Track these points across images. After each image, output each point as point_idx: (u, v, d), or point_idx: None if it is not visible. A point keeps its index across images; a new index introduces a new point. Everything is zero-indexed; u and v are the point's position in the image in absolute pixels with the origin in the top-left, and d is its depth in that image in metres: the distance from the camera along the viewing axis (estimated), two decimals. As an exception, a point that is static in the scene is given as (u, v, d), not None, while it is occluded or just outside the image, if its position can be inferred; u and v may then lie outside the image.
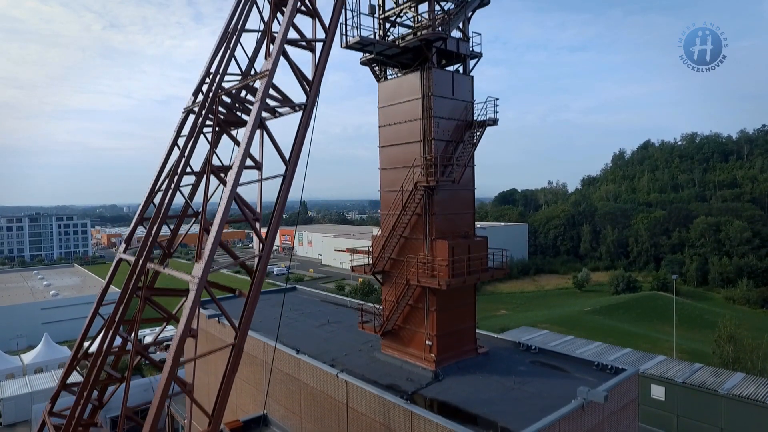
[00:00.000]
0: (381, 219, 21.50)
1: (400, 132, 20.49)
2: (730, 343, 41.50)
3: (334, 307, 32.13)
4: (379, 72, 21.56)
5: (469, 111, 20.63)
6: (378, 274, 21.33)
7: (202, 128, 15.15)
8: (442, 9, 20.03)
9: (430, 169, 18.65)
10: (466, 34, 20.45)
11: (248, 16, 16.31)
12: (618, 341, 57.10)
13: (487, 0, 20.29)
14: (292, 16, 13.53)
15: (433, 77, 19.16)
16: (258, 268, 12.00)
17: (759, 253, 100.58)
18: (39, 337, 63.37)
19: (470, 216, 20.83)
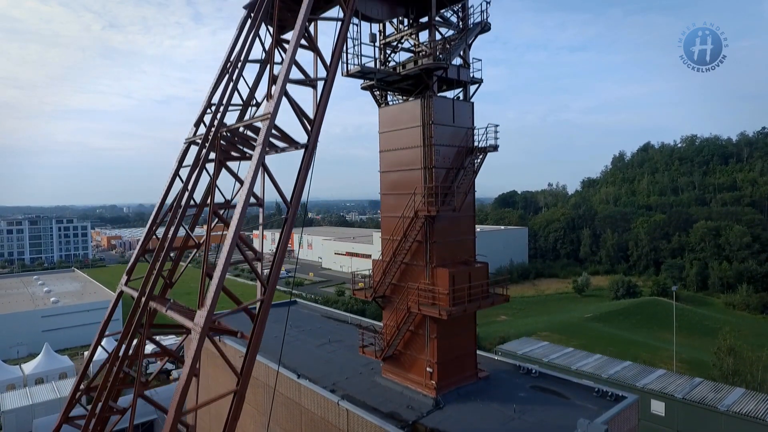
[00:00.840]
0: (381, 244, 21.55)
1: (400, 158, 20.54)
2: (730, 355, 41.55)
3: (335, 324, 32.17)
4: (380, 97, 21.60)
5: (470, 137, 20.69)
6: (379, 299, 21.36)
7: (204, 164, 15.21)
8: (442, 37, 20.07)
9: (431, 198, 18.69)
10: (467, 60, 20.49)
11: (251, 48, 16.37)
12: (618, 351, 57.24)
13: (488, 26, 20.31)
14: (294, 55, 13.57)
15: (434, 105, 19.21)
16: (260, 314, 12.05)
17: (759, 258, 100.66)
18: (39, 345, 63.48)
19: (471, 241, 20.89)
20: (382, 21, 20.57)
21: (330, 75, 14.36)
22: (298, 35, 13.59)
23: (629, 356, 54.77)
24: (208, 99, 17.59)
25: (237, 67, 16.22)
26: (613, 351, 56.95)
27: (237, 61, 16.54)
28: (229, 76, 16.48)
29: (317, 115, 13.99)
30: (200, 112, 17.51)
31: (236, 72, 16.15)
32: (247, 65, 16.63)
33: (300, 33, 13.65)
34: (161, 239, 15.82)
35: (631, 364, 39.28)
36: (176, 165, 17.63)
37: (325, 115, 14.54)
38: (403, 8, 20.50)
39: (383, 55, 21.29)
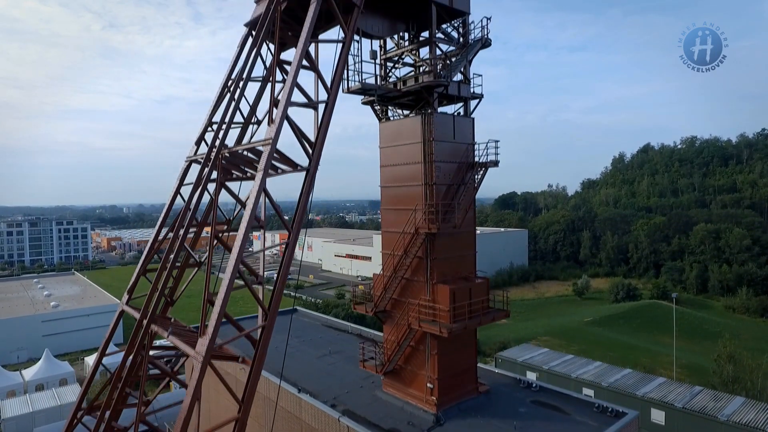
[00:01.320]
0: (382, 258, 21.58)
1: (401, 174, 20.56)
2: (730, 362, 41.57)
3: (335, 334, 32.21)
4: (380, 112, 21.62)
5: (471, 153, 20.71)
6: (380, 314, 21.38)
7: (206, 185, 15.22)
8: (443, 53, 20.08)
9: (432, 215, 18.72)
10: (467, 76, 20.51)
11: (253, 66, 16.39)
12: (618, 356, 57.34)
13: (489, 42, 20.33)
14: (295, 79, 13.58)
15: (435, 122, 19.23)
16: (261, 341, 12.08)
17: (759, 261, 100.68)
18: (40, 350, 63.51)
19: (471, 256, 20.94)
20: (383, 37, 20.58)
21: (331, 98, 14.39)
22: (299, 59, 13.62)
23: (629, 362, 54.87)
24: (209, 117, 17.62)
25: (239, 87, 16.26)
26: (613, 356, 57.09)
27: (239, 80, 16.58)
28: (231, 95, 16.53)
29: (318, 138, 14.01)
30: (201, 131, 17.53)
31: (238, 91, 16.19)
32: (249, 82, 16.67)
33: (301, 56, 13.68)
34: (163, 259, 15.84)
35: (631, 371, 39.34)
36: (177, 183, 17.65)
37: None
38: (403, 24, 20.54)
39: (384, 71, 21.31)
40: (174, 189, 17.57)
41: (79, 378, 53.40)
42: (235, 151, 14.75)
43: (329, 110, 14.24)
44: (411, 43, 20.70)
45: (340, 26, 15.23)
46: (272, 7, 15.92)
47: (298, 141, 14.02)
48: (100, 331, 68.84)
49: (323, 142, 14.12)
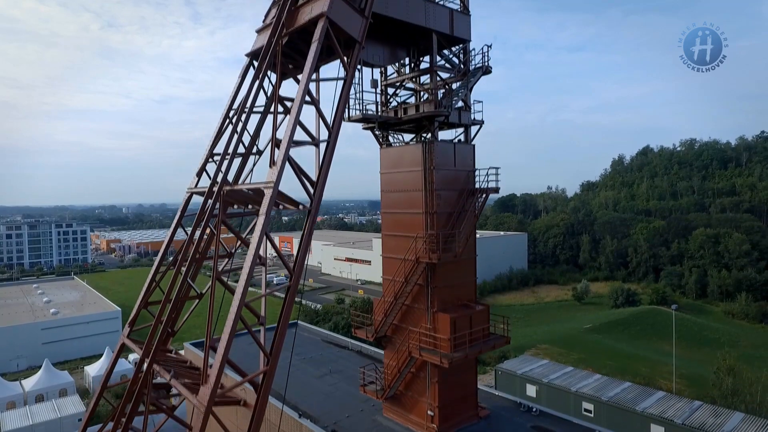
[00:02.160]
0: (383, 284, 21.61)
1: (401, 200, 20.59)
2: (729, 375, 41.64)
3: (336, 351, 32.23)
4: (381, 137, 21.65)
5: (471, 179, 20.75)
6: (380, 339, 21.42)
7: (208, 221, 15.23)
8: (443, 81, 20.10)
9: (433, 244, 18.75)
10: (468, 103, 20.53)
11: (256, 98, 16.42)
12: (618, 365, 57.43)
13: (489, 69, 20.36)
14: (297, 119, 13.57)
15: (435, 150, 19.26)
16: (263, 386, 12.09)
17: (758, 266, 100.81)
18: (39, 358, 63.54)
19: (472, 283, 20.97)
20: (383, 66, 20.60)
21: (333, 136, 14.41)
22: (301, 98, 13.62)
23: (629, 372, 54.97)
24: (210, 148, 17.61)
25: (240, 120, 16.28)
26: (613, 365, 57.17)
27: (241, 112, 16.60)
28: (233, 127, 16.56)
29: (320, 177, 14.02)
30: (202, 162, 17.52)
31: (240, 125, 16.22)
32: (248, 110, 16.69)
33: (303, 95, 13.69)
34: (166, 294, 15.84)
35: (630, 385, 39.35)
36: (178, 215, 17.62)
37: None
38: (404, 50, 20.56)
39: (384, 97, 21.33)
40: (175, 221, 17.55)
41: (79, 388, 53.44)
42: (237, 190, 14.77)
43: (331, 149, 14.25)
44: (412, 71, 20.72)
45: (341, 63, 15.25)
46: (274, 41, 15.99)
47: (298, 180, 14.04)
48: (99, 338, 68.96)
49: (325, 182, 14.14)
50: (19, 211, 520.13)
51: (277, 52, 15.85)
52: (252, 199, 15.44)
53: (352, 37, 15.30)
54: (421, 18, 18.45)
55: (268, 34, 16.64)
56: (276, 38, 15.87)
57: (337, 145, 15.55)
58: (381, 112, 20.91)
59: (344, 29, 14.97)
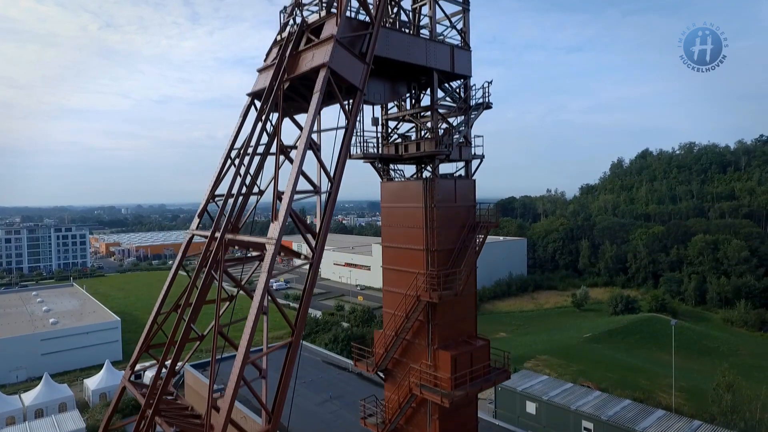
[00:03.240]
0: (384, 317, 21.62)
1: (402, 235, 20.60)
2: (729, 392, 41.69)
3: (336, 373, 32.24)
4: (382, 170, 21.65)
5: (472, 214, 20.76)
6: (381, 372, 21.43)
7: (210, 269, 15.20)
8: (443, 117, 20.12)
9: (433, 283, 18.76)
10: (468, 139, 20.54)
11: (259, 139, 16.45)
12: (617, 377, 57.44)
13: (490, 105, 20.37)
14: (299, 172, 13.57)
15: (436, 187, 19.27)
16: (265, 447, 12.12)
17: (757, 273, 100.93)
18: (39, 369, 63.50)
19: (472, 318, 20.98)
20: (384, 104, 20.61)
21: (334, 186, 14.42)
22: (302, 152, 13.62)
23: (628, 384, 54.99)
24: (212, 189, 17.64)
25: (243, 163, 16.30)
26: (613, 378, 57.19)
27: (243, 154, 16.64)
28: (236, 169, 16.58)
29: (322, 227, 14.03)
30: (203, 204, 17.57)
31: (242, 167, 16.25)
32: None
33: (305, 149, 13.69)
34: (169, 339, 15.87)
35: (630, 403, 39.40)
36: (180, 256, 17.69)
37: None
38: (404, 85, 20.54)
39: (385, 130, 21.34)
40: (176, 261, 17.59)
41: (79, 401, 53.37)
42: (238, 240, 14.78)
43: (332, 199, 14.27)
44: (413, 107, 20.73)
45: (342, 110, 15.26)
46: (276, 85, 16.00)
47: (300, 232, 14.06)
48: (99, 348, 68.86)
49: (327, 232, 14.15)
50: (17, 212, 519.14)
51: (278, 97, 15.91)
52: (253, 244, 15.46)
53: (354, 85, 15.31)
54: (422, 57, 18.46)
55: (269, 76, 16.69)
56: (278, 83, 15.91)
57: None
58: (382, 146, 20.93)
59: (345, 78, 14.98)
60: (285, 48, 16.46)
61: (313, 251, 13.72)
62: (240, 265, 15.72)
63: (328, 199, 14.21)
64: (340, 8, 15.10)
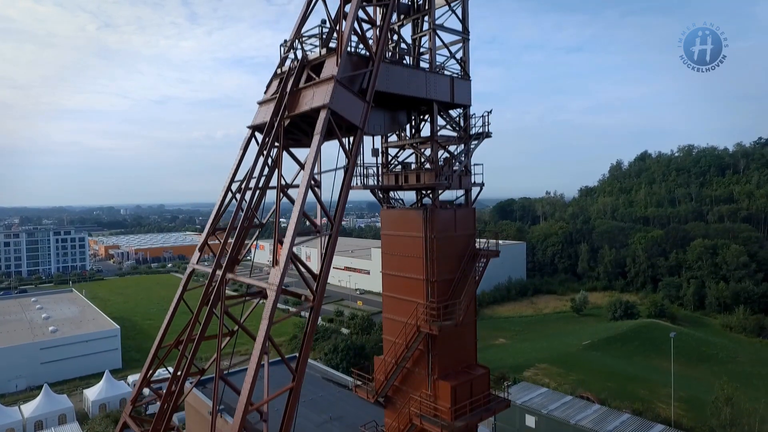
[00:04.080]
0: (384, 344, 21.67)
1: (402, 264, 20.63)
2: (727, 405, 41.80)
3: (336, 391, 32.28)
4: (383, 198, 21.69)
5: (473, 243, 20.80)
6: (381, 399, 21.47)
7: (212, 308, 15.24)
8: (445, 150, 20.16)
9: (433, 314, 18.80)
10: (468, 168, 20.59)
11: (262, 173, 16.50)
12: (616, 387, 57.52)
13: (490, 134, 20.42)
14: (300, 216, 13.60)
15: (436, 218, 19.31)
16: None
17: (755, 278, 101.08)
18: (38, 377, 63.59)
19: (472, 346, 21.03)
20: (384, 135, 20.66)
21: (335, 228, 14.46)
22: (303, 195, 13.65)
23: (628, 395, 55.08)
24: (213, 223, 17.67)
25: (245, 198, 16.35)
26: (612, 388, 57.26)
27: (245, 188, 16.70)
28: (238, 204, 16.62)
29: (323, 270, 14.05)
30: (204, 237, 17.59)
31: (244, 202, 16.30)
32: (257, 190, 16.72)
33: (305, 193, 13.71)
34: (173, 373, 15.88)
35: (629, 417, 39.50)
36: (180, 290, 17.68)
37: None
38: (404, 114, 20.58)
39: (385, 158, 21.39)
40: (177, 296, 17.60)
41: (79, 412, 53.39)
42: (239, 281, 14.82)
43: (333, 242, 14.30)
44: (413, 136, 20.79)
45: (342, 150, 15.29)
46: (276, 122, 16.04)
47: (300, 277, 14.10)
48: (98, 357, 68.90)
49: (328, 275, 14.18)
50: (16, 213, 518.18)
51: (280, 133, 15.96)
52: (254, 287, 15.48)
53: (354, 124, 15.35)
54: (422, 90, 18.51)
55: (270, 109, 16.74)
56: (279, 119, 15.95)
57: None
58: (382, 175, 20.97)
59: (346, 118, 15.02)
60: (285, 83, 16.50)
61: (314, 294, 13.74)
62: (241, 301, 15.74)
63: (329, 241, 14.23)
64: (340, 48, 15.14)
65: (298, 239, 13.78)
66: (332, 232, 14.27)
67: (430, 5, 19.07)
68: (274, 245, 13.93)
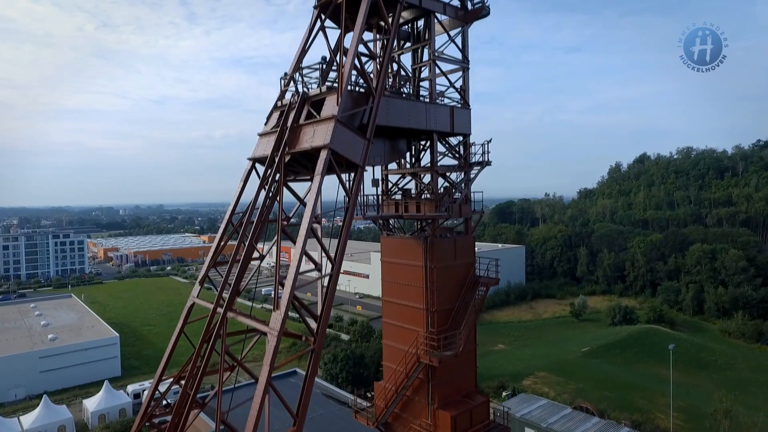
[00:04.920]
0: (384, 370, 21.69)
1: (402, 292, 20.66)
2: (726, 418, 41.92)
3: (335, 408, 32.31)
4: (382, 225, 21.71)
5: (473, 271, 20.83)
6: (382, 425, 21.51)
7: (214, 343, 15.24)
8: (445, 179, 20.19)
9: (433, 345, 18.83)
10: (468, 197, 20.61)
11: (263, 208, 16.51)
12: (615, 397, 57.67)
13: (489, 163, 20.44)
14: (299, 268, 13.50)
15: (436, 248, 19.33)
16: None
17: (754, 283, 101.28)
18: (38, 386, 63.66)
19: (472, 376, 21.06)
20: (384, 164, 20.68)
21: (335, 269, 14.46)
22: (304, 239, 13.64)
23: (627, 404, 55.27)
24: (213, 257, 17.66)
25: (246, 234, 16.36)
26: (611, 397, 57.43)
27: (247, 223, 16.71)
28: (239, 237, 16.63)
29: (324, 314, 14.06)
30: (204, 271, 17.59)
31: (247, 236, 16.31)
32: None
33: (306, 236, 13.72)
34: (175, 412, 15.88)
35: (629, 431, 39.65)
36: (181, 323, 17.66)
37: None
38: (404, 143, 20.59)
39: (385, 185, 21.41)
40: (177, 330, 17.58)
41: (78, 422, 53.41)
42: (240, 321, 14.82)
43: (333, 283, 14.30)
44: (413, 165, 20.81)
45: (342, 188, 15.31)
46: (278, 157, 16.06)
47: (300, 318, 14.10)
48: (97, 365, 68.93)
49: (329, 317, 14.19)
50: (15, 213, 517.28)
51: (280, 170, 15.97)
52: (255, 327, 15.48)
53: (354, 162, 15.37)
54: (422, 121, 18.54)
55: (270, 142, 16.77)
56: (279, 155, 15.96)
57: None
58: (382, 203, 20.99)
59: (346, 157, 15.04)
60: (286, 118, 16.50)
61: (314, 336, 13.73)
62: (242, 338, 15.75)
63: (330, 282, 14.24)
64: (340, 86, 15.14)
65: (299, 280, 13.80)
66: (333, 273, 14.27)
67: (430, 36, 19.08)
68: (275, 287, 13.94)
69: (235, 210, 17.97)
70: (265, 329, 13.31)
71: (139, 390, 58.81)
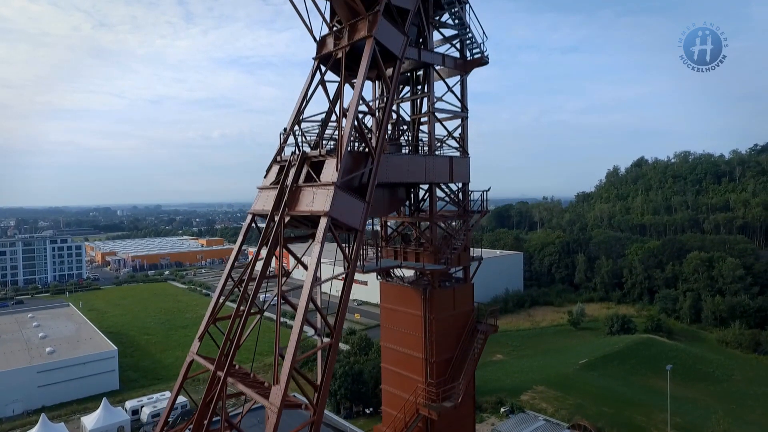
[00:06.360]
0: (383, 415, 21.74)
1: (401, 338, 20.72)
2: (723, 439, 42.09)
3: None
4: (382, 271, 21.73)
5: (472, 319, 20.88)
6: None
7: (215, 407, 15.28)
8: (445, 230, 20.23)
9: (432, 398, 18.88)
10: (467, 245, 20.65)
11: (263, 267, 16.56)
12: (613, 412, 57.76)
13: (487, 211, 20.48)
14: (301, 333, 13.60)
15: (436, 299, 19.39)
16: None
17: (751, 291, 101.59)
18: (35, 401, 63.51)
19: (471, 424, 21.12)
20: (384, 216, 20.71)
21: (335, 337, 14.49)
22: (302, 317, 13.66)
23: (624, 421, 55.37)
24: (214, 313, 17.69)
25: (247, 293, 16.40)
26: (609, 413, 57.50)
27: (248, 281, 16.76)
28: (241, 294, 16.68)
29: (324, 382, 14.08)
30: (204, 326, 17.61)
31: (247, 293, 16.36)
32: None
33: (304, 313, 13.74)
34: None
35: (626, 454, 39.81)
36: (180, 379, 17.69)
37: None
38: (404, 191, 20.62)
39: (384, 231, 21.44)
40: (176, 387, 17.61)
41: (76, 441, 53.31)
42: (239, 389, 14.84)
43: (333, 352, 14.33)
44: (412, 215, 20.83)
45: (342, 254, 15.34)
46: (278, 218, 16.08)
47: (298, 388, 14.12)
48: (95, 379, 68.75)
49: (328, 387, 14.21)
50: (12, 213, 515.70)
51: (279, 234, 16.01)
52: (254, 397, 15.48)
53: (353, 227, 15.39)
54: (422, 175, 18.59)
55: (269, 197, 16.85)
56: (280, 215, 15.99)
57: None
58: (381, 250, 21.02)
59: (345, 222, 15.07)
60: (285, 176, 16.52)
61: (314, 407, 13.77)
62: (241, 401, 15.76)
63: (330, 351, 14.27)
64: (339, 152, 15.16)
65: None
66: (333, 339, 14.30)
67: (429, 88, 19.11)
68: (275, 360, 13.96)
69: (234, 264, 18.00)
70: (265, 403, 13.32)
71: (137, 406, 58.69)
